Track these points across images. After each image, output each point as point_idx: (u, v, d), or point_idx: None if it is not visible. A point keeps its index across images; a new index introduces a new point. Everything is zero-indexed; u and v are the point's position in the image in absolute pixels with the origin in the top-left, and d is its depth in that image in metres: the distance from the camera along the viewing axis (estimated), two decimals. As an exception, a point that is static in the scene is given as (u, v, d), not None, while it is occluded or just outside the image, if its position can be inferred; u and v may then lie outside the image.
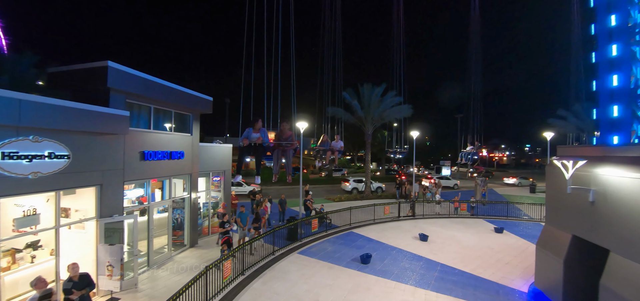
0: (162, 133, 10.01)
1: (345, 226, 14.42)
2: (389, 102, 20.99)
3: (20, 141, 5.97)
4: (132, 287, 8.25)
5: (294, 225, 12.35)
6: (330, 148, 12.11)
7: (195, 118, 11.61)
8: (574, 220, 7.06)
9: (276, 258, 10.50)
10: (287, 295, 8.00)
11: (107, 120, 7.53)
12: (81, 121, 6.92)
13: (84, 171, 7.29)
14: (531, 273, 9.47)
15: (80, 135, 7.14)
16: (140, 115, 9.38)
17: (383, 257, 10.83)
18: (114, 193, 8.15)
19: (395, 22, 20.90)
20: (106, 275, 7.61)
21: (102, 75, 7.63)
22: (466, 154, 21.51)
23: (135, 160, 8.82)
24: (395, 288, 8.56)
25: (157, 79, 9.23)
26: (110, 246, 7.63)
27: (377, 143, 38.46)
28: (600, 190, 6.24)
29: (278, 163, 9.41)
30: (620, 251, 5.69)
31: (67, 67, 8.12)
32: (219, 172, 13.38)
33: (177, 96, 10.13)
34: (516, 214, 17.40)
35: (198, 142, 11.74)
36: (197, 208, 11.99)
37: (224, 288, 8.13)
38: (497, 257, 11.04)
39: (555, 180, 7.77)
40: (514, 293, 8.41)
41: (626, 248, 5.58)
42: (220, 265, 8.00)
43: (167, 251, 10.51)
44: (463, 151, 22.23)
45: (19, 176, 5.99)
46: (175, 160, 10.37)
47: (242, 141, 8.03)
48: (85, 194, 7.92)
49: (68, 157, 6.82)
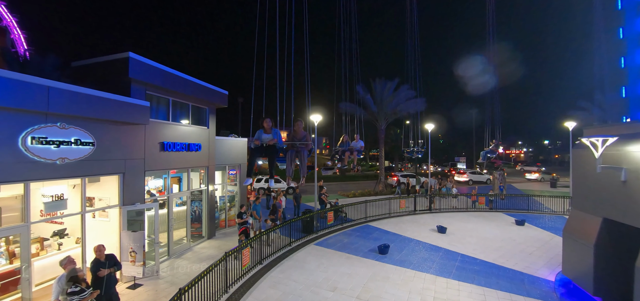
0: (180, 126, 10.21)
1: (361, 220, 14.31)
2: (403, 96, 20.77)
3: (48, 127, 6.19)
4: (154, 274, 8.41)
5: (309, 218, 12.34)
6: (350, 148, 11.70)
7: (212, 111, 11.78)
8: (604, 202, 6.76)
9: (293, 249, 10.50)
10: (305, 283, 7.98)
11: (129, 110, 7.73)
12: (105, 109, 7.13)
13: (107, 159, 7.50)
14: (557, 264, 9.13)
15: (104, 124, 7.35)
16: (159, 107, 9.59)
17: (401, 248, 10.66)
18: (135, 182, 8.35)
19: (408, 16, 20.68)
20: (129, 260, 7.78)
21: (123, 66, 7.86)
22: (487, 153, 20.87)
23: (155, 151, 9.01)
24: (414, 276, 8.41)
25: (176, 71, 9.43)
26: (133, 233, 7.80)
27: (391, 141, 38.13)
28: (634, 168, 5.95)
29: (292, 164, 8.68)
30: (658, 230, 5.41)
31: (89, 60, 8.40)
32: (234, 166, 13.53)
33: (194, 89, 10.32)
34: (537, 208, 16.83)
35: (214, 135, 11.92)
36: (214, 200, 12.15)
37: (243, 275, 8.18)
38: (519, 248, 10.69)
39: (583, 162, 7.47)
40: (539, 281, 8.11)
41: (664, 227, 5.30)
42: (239, 253, 8.06)
43: (186, 241, 10.68)
44: (485, 150, 21.57)
45: (48, 161, 6.21)
46: (193, 152, 10.54)
47: (253, 142, 7.50)
48: (108, 183, 8.14)
49: (93, 144, 7.03)
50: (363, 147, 12.16)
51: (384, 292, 7.47)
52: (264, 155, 7.81)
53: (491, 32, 21.29)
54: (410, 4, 21.06)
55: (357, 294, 7.39)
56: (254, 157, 7.88)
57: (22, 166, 5.84)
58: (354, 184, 29.69)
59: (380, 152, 22.59)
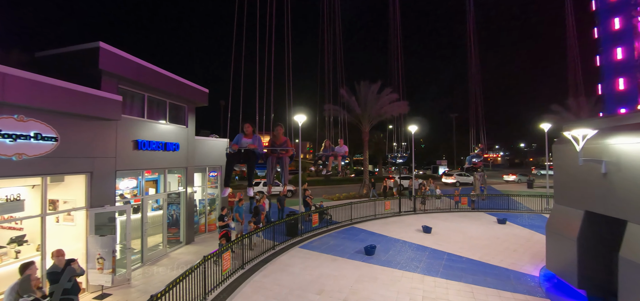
0: (157, 123, 9.63)
1: (346, 222, 14.08)
2: (386, 98, 20.93)
3: (3, 118, 5.57)
4: (125, 282, 7.75)
5: (294, 220, 11.97)
6: (334, 153, 11.47)
7: (191, 110, 11.25)
8: (585, 195, 6.86)
9: (277, 253, 10.08)
10: (290, 286, 7.60)
11: (98, 104, 7.15)
12: (70, 102, 6.54)
13: (73, 156, 6.87)
14: (540, 259, 9.24)
15: (70, 118, 6.75)
16: (133, 103, 9.00)
17: (387, 248, 10.49)
18: (105, 182, 7.72)
19: (392, 21, 20.97)
20: (97, 268, 7.12)
21: (93, 57, 7.28)
22: (473, 157, 21.33)
23: (128, 149, 8.41)
24: (402, 276, 8.22)
25: (151, 65, 8.90)
26: (100, 238, 7.16)
27: (375, 145, 38.41)
28: (613, 161, 6.06)
29: (272, 172, 8.05)
30: (639, 219, 5.49)
31: (56, 50, 7.76)
32: (215, 167, 12.98)
33: (172, 85, 9.80)
34: (516, 207, 17.26)
35: (194, 135, 11.37)
36: (193, 204, 11.54)
37: (224, 281, 7.68)
38: (503, 246, 10.79)
39: (564, 157, 7.60)
40: (525, 277, 8.14)
41: (646, 216, 5.39)
42: (219, 257, 7.57)
43: (162, 247, 10.02)
44: (471, 154, 22.01)
45: (2, 157, 5.56)
46: (170, 151, 9.96)
47: (231, 147, 6.90)
48: (74, 184, 7.48)
49: (56, 139, 6.42)
50: (347, 152, 11.96)
51: (372, 293, 7.22)
52: (242, 161, 7.27)
53: (471, 38, 21.93)
54: (393, 11, 21.39)
55: (345, 296, 7.10)
56: (231, 164, 7.29)
57: (-30, 162, 5.19)
58: (338, 187, 29.52)
59: (365, 155, 22.60)
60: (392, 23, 20.04)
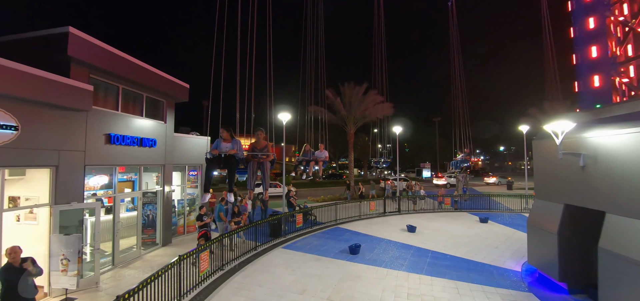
0: (132, 117, 9.13)
1: (331, 222, 13.87)
2: (371, 100, 21.03)
3: (-48, 103, 5.04)
4: (92, 286, 7.21)
5: (277, 220, 11.65)
6: (314, 158, 11.41)
7: (170, 106, 10.79)
8: (565, 189, 6.98)
9: (259, 254, 9.72)
10: (271, 287, 7.29)
11: (65, 92, 6.66)
12: (34, 89, 6.04)
13: (36, 148, 6.35)
14: (521, 255, 9.36)
15: (33, 106, 6.25)
16: (107, 95, 8.51)
17: (372, 248, 10.35)
18: (72, 178, 7.19)
19: (376, 25, 21.19)
20: (60, 270, 6.55)
21: (62, 43, 6.80)
22: (457, 162, 21.85)
23: (99, 143, 7.90)
24: (387, 274, 8.08)
25: (127, 55, 8.45)
26: (65, 237, 6.61)
27: (360, 148, 38.55)
28: (591, 154, 6.19)
29: (253, 177, 7.97)
30: (617, 210, 5.59)
31: (22, 35, 7.20)
32: (195, 166, 12.49)
33: (149, 77, 9.35)
34: (497, 207, 17.62)
35: (172, 131, 10.89)
36: (171, 204, 11.02)
37: (201, 282, 7.26)
38: (485, 243, 10.89)
39: (544, 153, 7.74)
40: (507, 272, 8.18)
41: (622, 206, 5.48)
42: (196, 257, 7.15)
43: (136, 249, 9.46)
44: (455, 160, 22.53)
45: (-50, 145, 5.03)
46: (147, 147, 9.47)
47: (210, 152, 6.88)
48: (38, 180, 6.92)
49: (16, 129, 5.90)
50: (327, 157, 11.94)
51: (356, 292, 7.02)
52: (222, 166, 7.15)
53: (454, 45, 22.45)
54: (378, 15, 21.62)
55: (328, 295, 6.86)
56: (211, 169, 7.15)
57: None
58: (323, 190, 29.34)
59: (350, 157, 22.56)
60: (377, 26, 20.23)
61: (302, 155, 11.45)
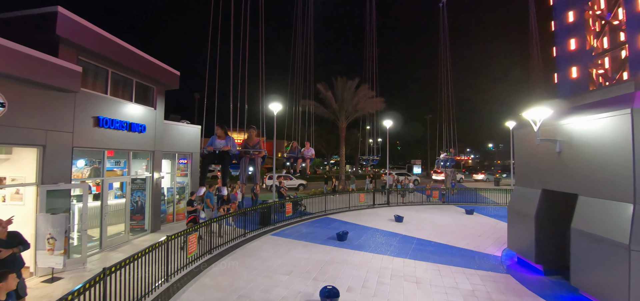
0: (121, 101, 9.13)
1: (320, 213, 14.05)
2: (363, 94, 21.25)
3: (-63, 76, 5.03)
4: (79, 266, 7.23)
5: (266, 209, 11.77)
6: (301, 155, 11.75)
7: (160, 92, 10.79)
8: (542, 174, 7.28)
9: (247, 240, 9.84)
10: (259, 269, 7.42)
11: (53, 71, 6.66)
12: (21, 66, 6.04)
13: (22, 127, 6.35)
14: (503, 243, 9.68)
15: (20, 85, 6.24)
16: (96, 79, 8.50)
17: (360, 235, 10.56)
18: (60, 159, 7.19)
19: (367, 20, 21.35)
20: (47, 249, 6.57)
21: (50, 22, 6.79)
22: (442, 161, 22.30)
23: (87, 125, 7.90)
24: (372, 258, 8.29)
25: (117, 39, 8.45)
26: (52, 216, 6.63)
27: (351, 144, 38.79)
28: (566, 140, 6.48)
29: (245, 172, 8.66)
30: (587, 192, 5.88)
31: (10, 14, 7.14)
32: (185, 155, 12.51)
33: (139, 62, 9.35)
34: (484, 201, 18.06)
35: (162, 118, 10.90)
36: (160, 191, 11.03)
37: (189, 264, 7.35)
38: (469, 232, 11.21)
39: (524, 141, 8.04)
40: (488, 257, 8.48)
41: (591, 188, 5.78)
42: (185, 242, 7.22)
43: (124, 234, 9.48)
44: (438, 159, 23.00)
45: None
46: (136, 133, 9.48)
47: (206, 149, 7.38)
48: (25, 160, 6.91)
49: (3, 105, 5.90)
50: (313, 155, 12.30)
51: (342, 273, 7.21)
52: (216, 162, 7.71)
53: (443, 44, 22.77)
54: (370, 9, 21.80)
55: (314, 276, 7.03)
56: (206, 164, 7.78)
57: None
58: (313, 184, 29.49)
59: (341, 151, 22.75)
60: (368, 20, 20.40)
61: (289, 153, 11.77)
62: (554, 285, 6.56)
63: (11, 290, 3.74)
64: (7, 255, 4.81)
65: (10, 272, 3.71)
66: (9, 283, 3.61)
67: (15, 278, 3.68)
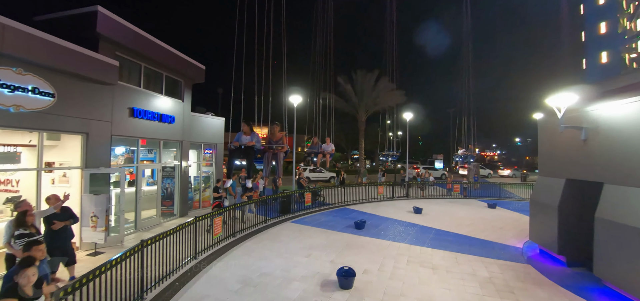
0: (153, 94, 9.81)
1: (339, 204, 14.28)
2: (383, 87, 21.12)
3: (2, 69, 5.74)
4: (118, 243, 7.94)
5: (286, 198, 12.16)
6: (321, 151, 12.08)
7: (187, 86, 11.43)
8: (566, 163, 7.08)
9: (268, 226, 10.26)
10: (279, 251, 7.80)
11: (95, 66, 7.33)
12: (68, 60, 6.72)
13: (69, 116, 7.06)
14: (525, 236, 9.44)
15: (67, 77, 6.93)
16: (131, 73, 9.18)
17: (377, 224, 10.71)
18: (101, 145, 7.90)
19: (388, 11, 21.19)
20: (90, 226, 7.30)
21: (91, 20, 7.46)
22: (460, 158, 21.87)
23: (124, 115, 8.59)
24: (390, 245, 8.44)
25: (149, 35, 9.08)
26: (95, 196, 7.34)
27: (371, 140, 38.56)
28: (592, 127, 6.28)
29: (268, 166, 9.23)
30: (614, 180, 5.70)
31: (54, 14, 7.91)
32: (211, 145, 13.16)
33: (169, 57, 9.98)
34: (508, 196, 17.52)
35: (189, 110, 11.55)
36: (188, 178, 11.72)
37: (215, 245, 7.86)
38: (490, 225, 11.02)
39: (548, 130, 7.83)
40: (508, 248, 8.36)
41: (619, 175, 5.60)
42: (211, 225, 7.75)
43: (156, 217, 10.21)
44: (456, 155, 22.58)
45: (0, 107, 5.73)
46: (166, 123, 10.15)
47: (232, 144, 7.96)
48: (70, 147, 7.66)
49: (53, 96, 6.59)
50: (333, 150, 12.58)
51: (359, 257, 7.42)
52: (242, 156, 8.37)
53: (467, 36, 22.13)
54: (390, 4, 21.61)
55: (332, 259, 7.30)
56: (233, 158, 8.31)
57: (-31, 107, 5.36)
58: (334, 179, 29.75)
59: (360, 144, 22.79)
60: (389, 13, 20.23)
61: (310, 148, 12.13)
62: (576, 276, 6.42)
63: (40, 260, 3.60)
64: (61, 227, 5.47)
65: (36, 244, 3.71)
66: (35, 254, 3.50)
67: (39, 250, 3.60)
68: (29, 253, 3.43)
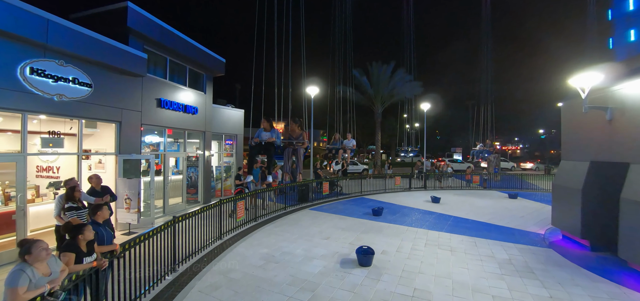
0: (177, 86, 10.30)
1: (356, 193, 14.42)
2: (399, 79, 20.99)
3: (47, 61, 6.28)
4: (149, 225, 8.47)
5: (304, 187, 12.43)
6: (343, 147, 12.09)
7: (209, 78, 11.89)
8: (591, 145, 6.93)
9: (287, 213, 10.57)
10: (300, 234, 8.08)
11: (126, 58, 7.83)
12: (103, 53, 7.23)
13: (104, 105, 7.58)
14: (547, 224, 9.28)
15: (102, 69, 7.44)
16: (157, 66, 9.69)
17: (395, 211, 10.80)
18: (132, 133, 8.43)
19: (405, 6, 20.96)
20: (124, 208, 7.84)
21: (121, 16, 7.96)
22: (477, 153, 21.48)
23: (152, 105, 9.10)
24: (407, 230, 8.53)
25: (175, 30, 9.54)
26: (128, 180, 7.87)
27: (388, 134, 38.33)
28: (618, 106, 6.13)
29: (289, 161, 9.45)
30: (640, 160, 5.57)
31: (87, 11, 8.48)
32: (231, 136, 13.62)
33: (192, 50, 10.43)
34: (530, 187, 17.07)
35: (211, 102, 12.01)
36: (211, 167, 12.22)
37: (238, 227, 8.26)
38: (511, 214, 10.86)
39: (571, 112, 7.67)
40: (529, 234, 8.26)
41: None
42: (234, 210, 8.13)
43: (182, 203, 10.75)
44: (474, 150, 22.17)
45: (45, 95, 6.29)
46: (190, 114, 10.63)
47: (253, 140, 8.21)
48: (105, 136, 8.23)
49: (90, 86, 7.12)
50: (355, 146, 12.52)
51: (377, 240, 7.57)
52: (263, 152, 8.62)
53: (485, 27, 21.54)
54: None
55: (350, 241, 7.49)
56: (254, 154, 8.58)
57: (20, 95, 5.92)
58: (350, 173, 29.92)
59: (377, 137, 22.77)
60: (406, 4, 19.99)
61: (331, 144, 12.19)
62: (600, 259, 6.31)
63: (88, 240, 3.68)
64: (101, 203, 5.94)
65: (100, 209, 4.25)
66: (86, 235, 3.58)
67: (91, 231, 3.68)
68: (95, 216, 3.86)
